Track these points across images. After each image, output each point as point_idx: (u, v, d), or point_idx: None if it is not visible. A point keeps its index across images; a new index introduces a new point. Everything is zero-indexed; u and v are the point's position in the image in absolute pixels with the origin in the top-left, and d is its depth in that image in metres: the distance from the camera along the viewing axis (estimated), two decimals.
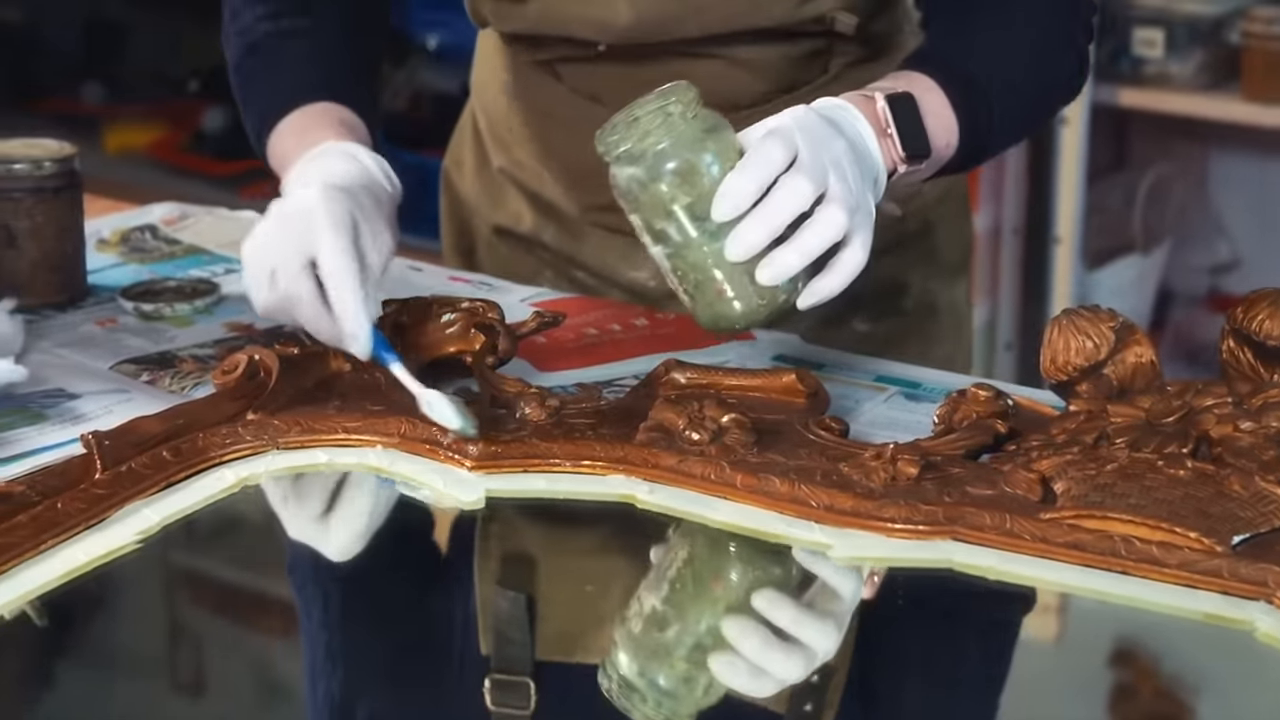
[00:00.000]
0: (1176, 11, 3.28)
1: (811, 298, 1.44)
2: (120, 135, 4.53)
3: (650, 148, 1.41)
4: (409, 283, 1.87)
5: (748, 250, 1.41)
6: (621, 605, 1.30)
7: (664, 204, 1.42)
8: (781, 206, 1.40)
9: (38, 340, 1.69)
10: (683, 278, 1.45)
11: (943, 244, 1.92)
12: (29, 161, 1.77)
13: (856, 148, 1.46)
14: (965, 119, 1.56)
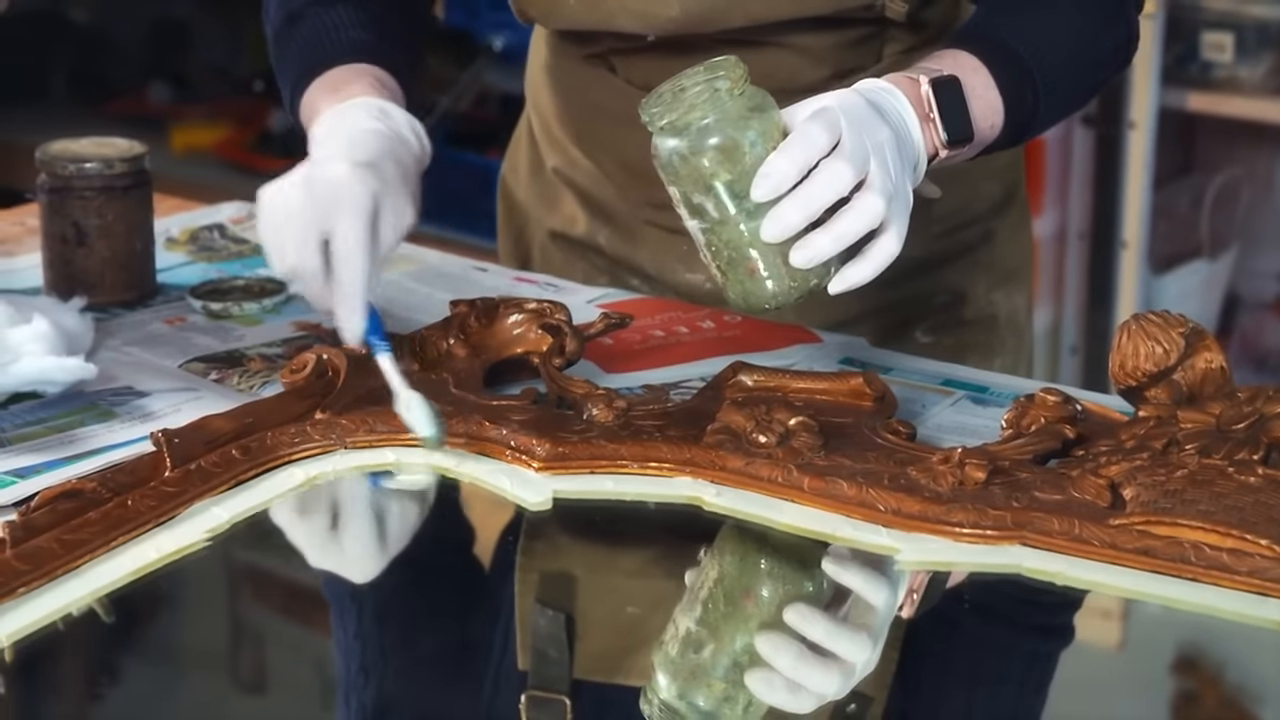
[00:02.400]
0: (1246, 15, 3.25)
1: (842, 284, 1.43)
2: (186, 135, 4.55)
3: (695, 121, 1.41)
4: (475, 283, 1.87)
5: (784, 231, 1.40)
6: (660, 628, 1.30)
7: (704, 179, 1.42)
8: (821, 190, 1.40)
9: (107, 338, 1.70)
10: (716, 254, 1.45)
11: (1004, 252, 1.91)
12: (100, 160, 1.78)
13: (899, 134, 1.45)
14: (1011, 99, 1.55)
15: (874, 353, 1.72)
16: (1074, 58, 1.62)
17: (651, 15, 1.71)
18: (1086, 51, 1.63)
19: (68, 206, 1.77)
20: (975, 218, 1.88)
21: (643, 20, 1.72)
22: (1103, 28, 1.64)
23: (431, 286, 1.86)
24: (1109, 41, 1.65)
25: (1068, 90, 1.63)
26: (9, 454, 1.46)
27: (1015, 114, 1.56)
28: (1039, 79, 1.57)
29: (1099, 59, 1.66)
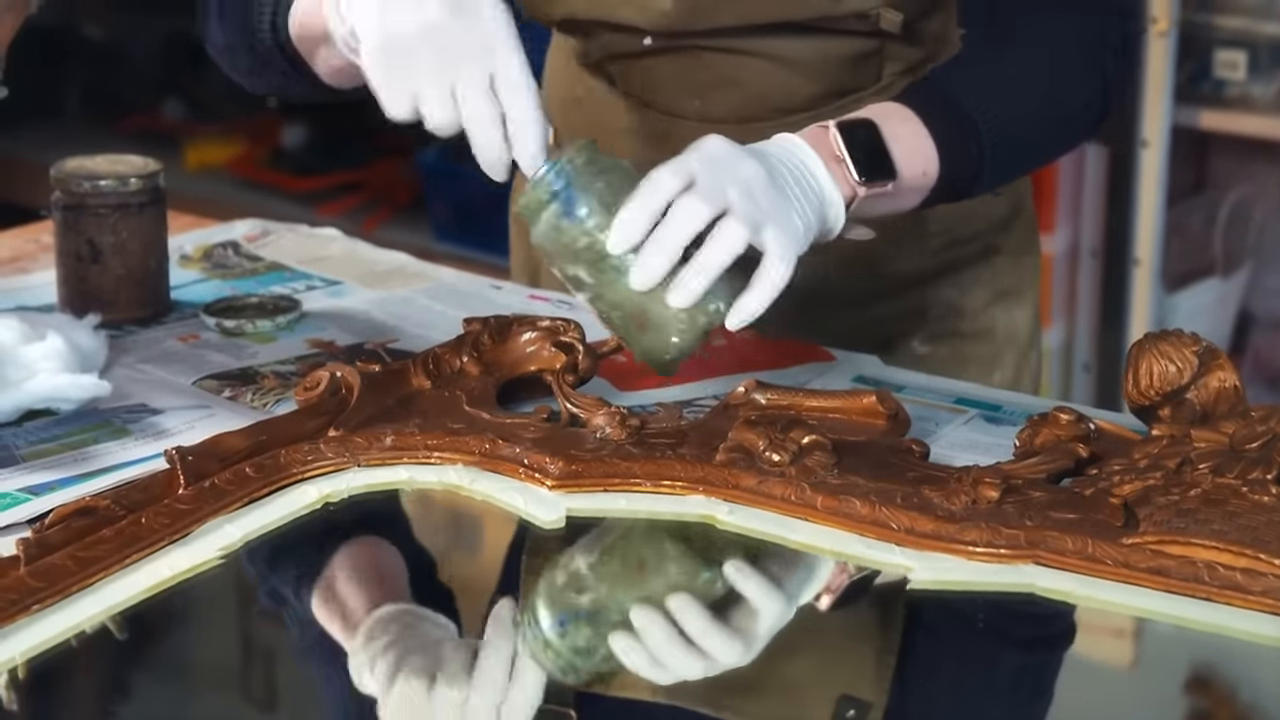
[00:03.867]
0: (1259, 34, 3.25)
1: (738, 316, 1.45)
2: (200, 152, 4.56)
3: (547, 196, 1.45)
4: (490, 301, 1.88)
5: (651, 276, 1.43)
6: None
7: (570, 248, 1.46)
8: (676, 229, 1.42)
9: (121, 355, 1.70)
10: (608, 319, 1.48)
11: (1005, 268, 1.91)
12: (114, 178, 1.78)
13: (783, 172, 1.46)
14: (948, 148, 1.55)
15: (887, 371, 1.72)
16: (1035, 110, 1.61)
17: (648, 8, 1.72)
18: (1051, 105, 1.62)
19: (82, 224, 1.77)
20: (975, 234, 1.87)
21: (639, 10, 1.73)
22: (1074, 80, 1.63)
23: (445, 304, 1.86)
24: (1079, 95, 1.64)
25: (1026, 143, 1.62)
26: (23, 471, 1.46)
27: (955, 165, 1.56)
28: (984, 131, 1.56)
29: (1066, 113, 1.64)
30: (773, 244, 1.43)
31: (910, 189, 1.55)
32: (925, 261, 1.85)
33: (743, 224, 1.42)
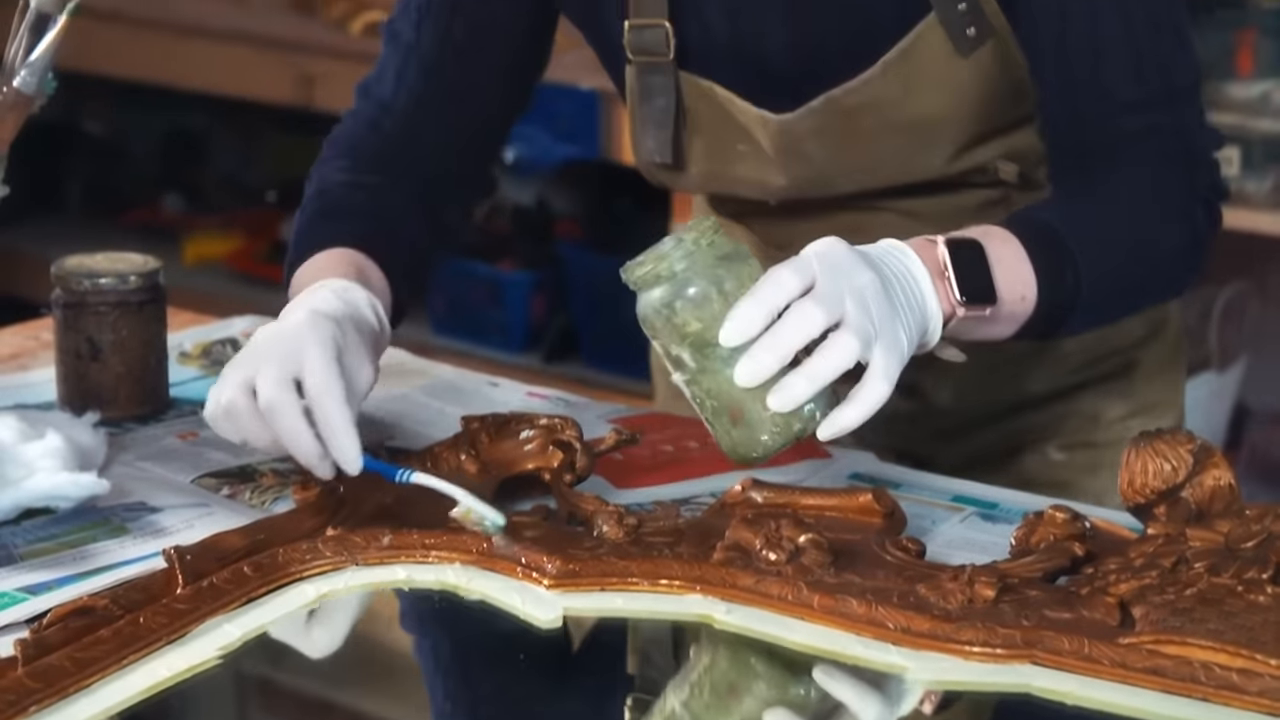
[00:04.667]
0: (1253, 130, 3.27)
1: (831, 428, 1.45)
2: (199, 245, 4.58)
3: (664, 273, 1.45)
4: (487, 398, 1.88)
5: (756, 375, 1.43)
6: None
7: (679, 329, 1.45)
8: (791, 332, 1.42)
9: (120, 453, 1.70)
10: (701, 405, 1.47)
11: (1145, 383, 1.90)
12: (114, 276, 1.79)
13: (894, 283, 1.47)
14: (1045, 274, 1.55)
15: (883, 468, 1.73)
16: (1127, 249, 1.61)
17: (763, 183, 1.75)
18: (1142, 242, 1.62)
19: (82, 321, 1.78)
20: (1114, 351, 1.88)
21: (756, 187, 1.76)
22: (1164, 223, 1.63)
23: (443, 401, 1.87)
24: (1170, 238, 1.63)
25: (1118, 279, 1.61)
26: (21, 570, 1.46)
27: (1052, 291, 1.55)
28: (1080, 260, 1.56)
29: (1157, 254, 1.63)
30: (879, 361, 1.43)
31: (1007, 315, 1.55)
32: (1063, 379, 1.87)
33: (855, 337, 1.42)
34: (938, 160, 1.73)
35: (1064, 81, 1.64)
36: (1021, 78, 1.69)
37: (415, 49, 1.79)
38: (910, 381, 1.71)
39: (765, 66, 1.70)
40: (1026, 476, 1.85)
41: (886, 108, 1.69)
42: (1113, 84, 1.63)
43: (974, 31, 1.66)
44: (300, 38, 4.09)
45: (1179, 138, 1.64)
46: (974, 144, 1.73)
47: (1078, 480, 1.85)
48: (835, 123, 1.70)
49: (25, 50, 1.63)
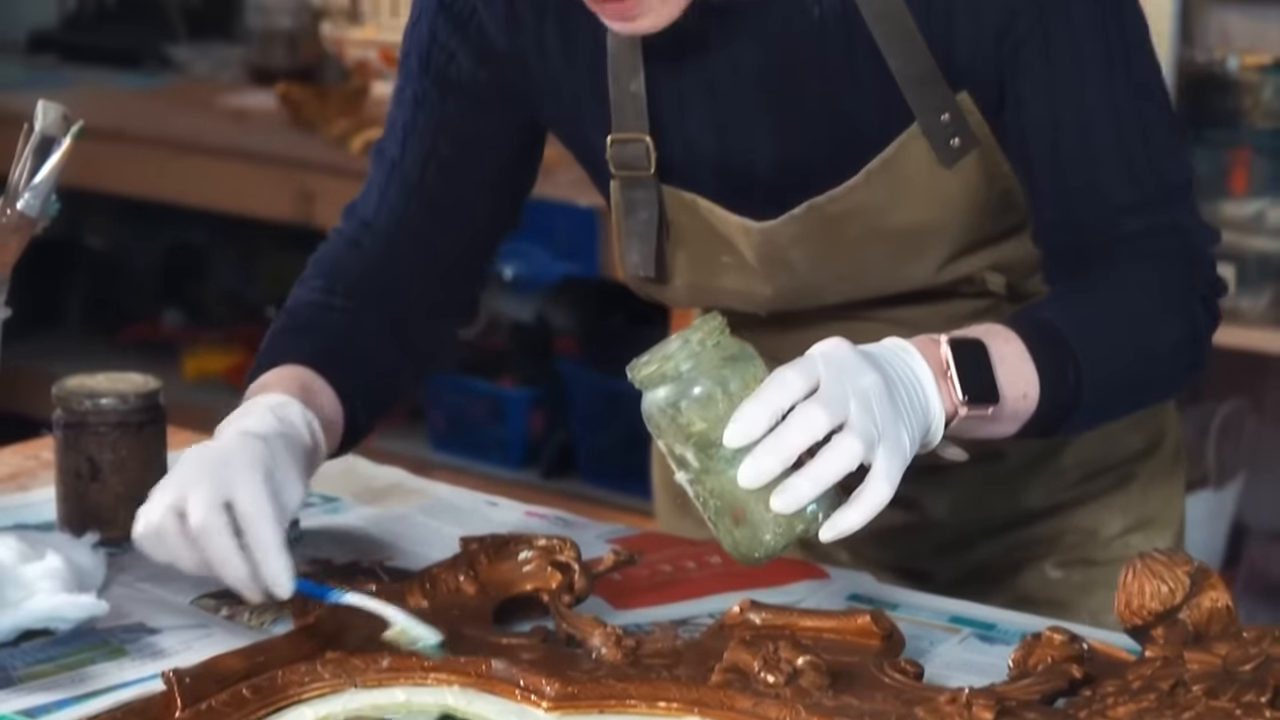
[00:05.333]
0: (1247, 248, 3.29)
1: (833, 530, 1.45)
2: (198, 361, 4.59)
3: (670, 373, 1.45)
4: (485, 518, 1.89)
5: (758, 477, 1.43)
6: None
7: (683, 429, 1.45)
8: (795, 434, 1.42)
9: (119, 573, 1.70)
10: (704, 504, 1.47)
11: (1144, 497, 1.90)
12: (115, 396, 1.80)
13: (898, 384, 1.47)
14: (1048, 373, 1.55)
15: (881, 589, 1.73)
16: (1126, 342, 1.61)
17: (749, 295, 1.76)
18: (1142, 338, 1.62)
19: (82, 442, 1.79)
20: (1112, 465, 1.88)
21: (742, 299, 1.77)
22: (1163, 319, 1.63)
23: (442, 521, 1.87)
24: (1169, 334, 1.63)
25: (1120, 376, 1.61)
26: (19, 693, 1.46)
27: (1054, 390, 1.56)
28: (1082, 358, 1.57)
29: (1157, 350, 1.64)
30: (881, 463, 1.43)
31: (1010, 414, 1.55)
32: (1061, 494, 1.87)
33: (859, 440, 1.42)
34: (924, 270, 1.74)
35: (1059, 190, 1.65)
36: (1008, 188, 1.70)
37: (399, 167, 1.79)
38: (908, 494, 1.71)
39: (750, 178, 1.72)
40: (1024, 594, 1.86)
41: (870, 216, 1.70)
42: (1108, 189, 1.64)
43: (958, 142, 1.67)
44: (300, 155, 4.11)
45: (1176, 235, 1.65)
46: (961, 254, 1.73)
47: (1075, 599, 1.86)
48: (818, 230, 1.71)
49: (29, 173, 1.65)
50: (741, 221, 1.73)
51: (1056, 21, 1.61)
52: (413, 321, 1.80)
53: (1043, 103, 1.63)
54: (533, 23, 1.73)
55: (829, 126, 1.68)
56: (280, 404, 1.63)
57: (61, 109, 1.66)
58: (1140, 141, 1.64)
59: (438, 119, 1.78)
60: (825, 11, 1.64)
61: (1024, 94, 1.63)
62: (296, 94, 4.30)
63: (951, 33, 1.63)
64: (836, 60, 1.65)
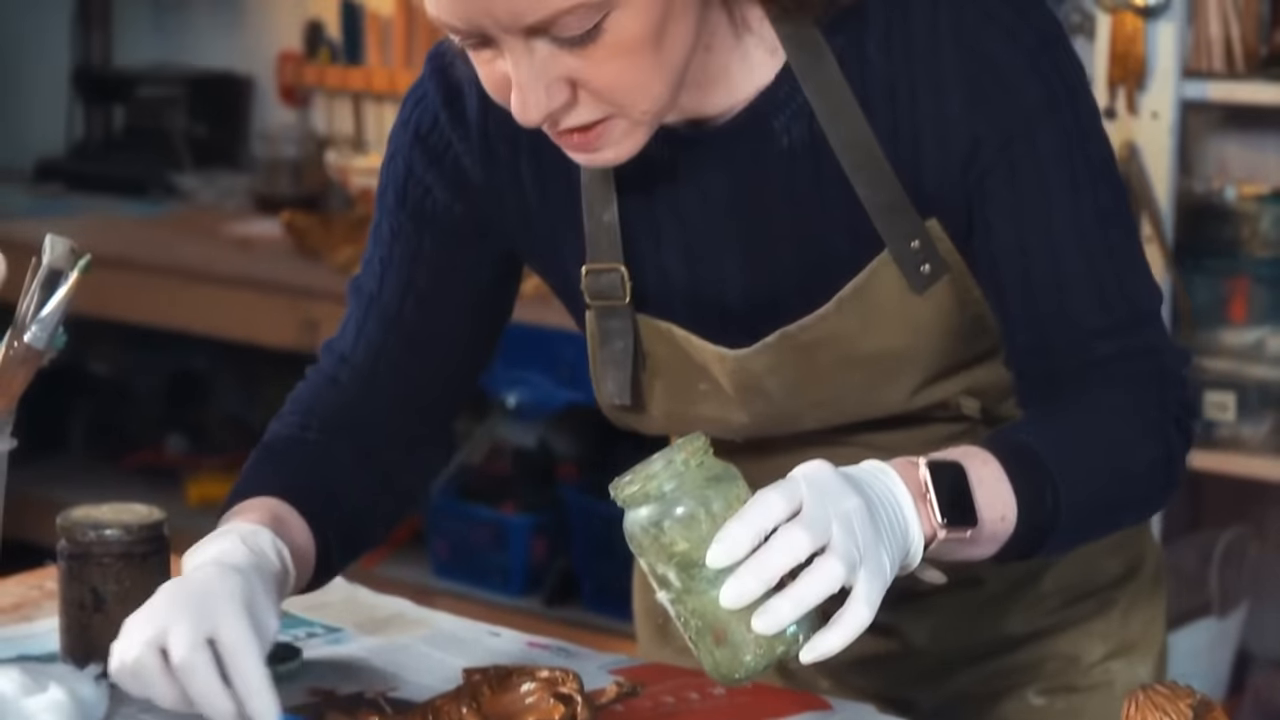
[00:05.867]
0: (1247, 376, 3.30)
1: (813, 652, 1.45)
2: (202, 487, 4.59)
3: (653, 492, 1.46)
4: (488, 648, 1.88)
5: (741, 597, 1.43)
6: None
7: (666, 549, 1.45)
8: (777, 556, 1.42)
9: (121, 706, 1.70)
10: (685, 624, 1.47)
11: (1124, 623, 1.90)
12: (119, 527, 1.80)
13: (879, 507, 1.47)
14: (1024, 495, 1.56)
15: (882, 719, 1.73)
16: (1102, 464, 1.62)
17: (725, 422, 1.77)
18: (1118, 460, 1.63)
19: (87, 572, 1.79)
20: (1092, 590, 1.89)
21: (719, 426, 1.77)
22: (1138, 440, 1.64)
23: (445, 651, 1.87)
24: (1144, 454, 1.64)
25: (1096, 497, 1.62)
26: None
27: (1032, 512, 1.56)
28: (1059, 481, 1.57)
29: (1133, 471, 1.64)
30: (862, 586, 1.43)
31: (988, 536, 1.55)
32: (1041, 620, 1.88)
33: (841, 563, 1.42)
34: (899, 396, 1.74)
35: (1030, 316, 1.66)
36: (979, 313, 1.71)
37: (377, 300, 1.80)
38: (887, 621, 1.72)
39: (723, 306, 1.73)
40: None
41: (843, 343, 1.71)
42: (1079, 314, 1.65)
43: (928, 269, 1.67)
44: (304, 283, 4.14)
45: (1148, 358, 1.66)
46: (935, 380, 1.74)
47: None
48: (792, 359, 1.72)
49: (37, 306, 1.66)
50: (716, 350, 1.73)
51: (1022, 150, 1.63)
52: (389, 455, 1.81)
53: (1011, 230, 1.64)
54: (508, 156, 1.74)
55: (799, 254, 1.69)
56: (251, 533, 1.64)
57: (69, 243, 1.68)
58: (1109, 266, 1.65)
59: (414, 252, 1.79)
60: (793, 140, 1.66)
61: (992, 221, 1.65)
62: (301, 222, 4.33)
63: (919, 161, 1.64)
64: (805, 189, 1.67)
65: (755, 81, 1.66)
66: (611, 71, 1.52)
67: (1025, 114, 1.62)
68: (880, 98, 1.64)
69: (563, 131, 1.56)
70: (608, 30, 1.50)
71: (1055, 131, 1.63)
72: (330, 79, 4.91)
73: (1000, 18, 1.62)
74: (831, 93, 1.64)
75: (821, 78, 1.64)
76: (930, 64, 1.62)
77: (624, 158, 1.59)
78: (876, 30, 1.63)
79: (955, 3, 1.62)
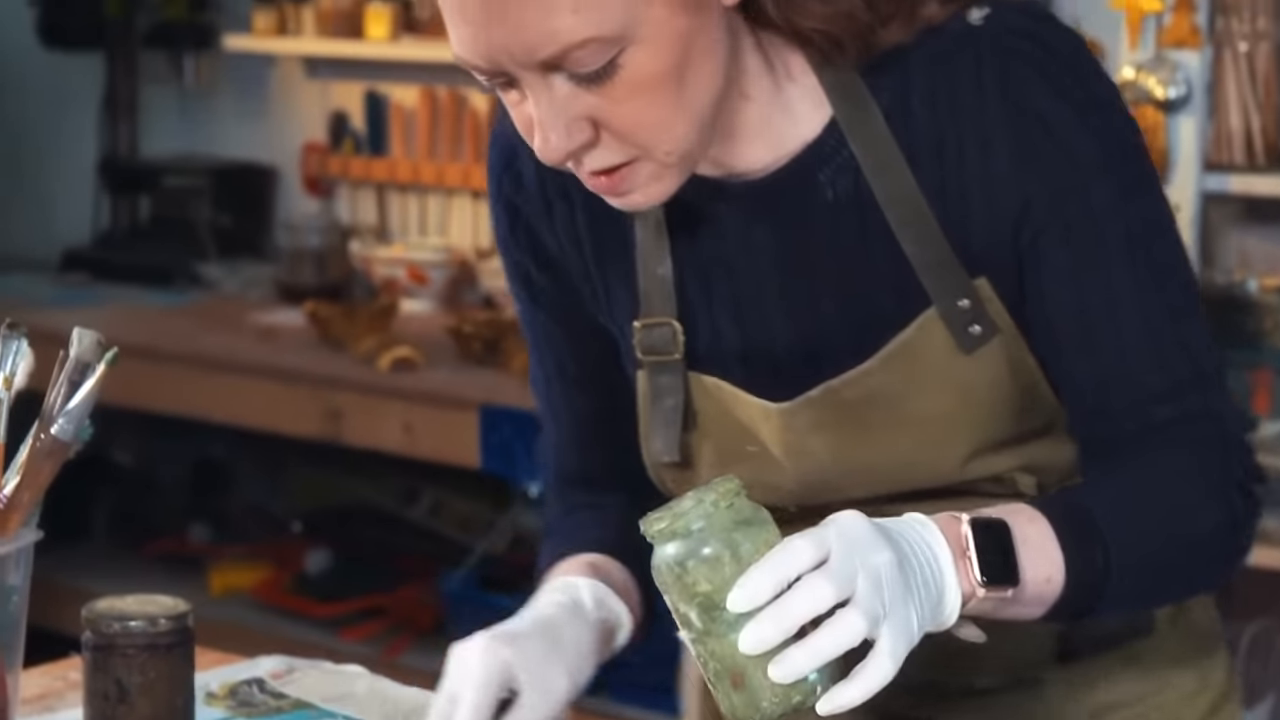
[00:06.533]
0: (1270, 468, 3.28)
1: (830, 704, 1.43)
2: (225, 576, 4.60)
3: (682, 530, 1.45)
4: None
5: (759, 644, 1.41)
6: None
7: (689, 588, 1.44)
8: (797, 605, 1.41)
9: None
10: (705, 665, 1.46)
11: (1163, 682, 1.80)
12: (144, 618, 1.80)
13: (912, 561, 1.45)
14: (1073, 555, 1.52)
15: None
16: (1159, 527, 1.58)
17: (774, 485, 1.73)
18: (1177, 524, 1.59)
19: (111, 664, 1.79)
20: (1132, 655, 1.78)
21: (770, 491, 1.72)
22: (1200, 503, 1.60)
23: None
24: (1206, 519, 1.60)
25: (1152, 562, 1.58)
26: None
27: (1080, 573, 1.52)
28: (1111, 541, 1.54)
29: (1195, 535, 1.60)
30: (885, 640, 1.42)
31: (1032, 597, 1.52)
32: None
33: (863, 617, 1.40)
34: (948, 464, 1.70)
35: (1088, 379, 1.63)
36: (1034, 383, 1.67)
37: (549, 390, 1.83)
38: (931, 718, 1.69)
39: (772, 361, 1.71)
40: None
41: (889, 402, 1.68)
42: (1139, 377, 1.61)
43: (977, 329, 1.64)
44: (328, 372, 4.15)
45: (1210, 421, 1.62)
46: (987, 450, 1.69)
47: None
48: (836, 416, 1.69)
49: (64, 398, 1.67)
50: (761, 405, 1.71)
51: (1075, 209, 1.60)
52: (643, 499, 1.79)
53: (1067, 291, 1.61)
54: (564, 211, 1.74)
55: (844, 309, 1.67)
56: (569, 584, 1.67)
57: (96, 335, 1.69)
58: (1169, 327, 1.62)
59: (547, 333, 1.82)
60: (839, 194, 1.64)
61: (1047, 282, 1.62)
62: (325, 312, 4.35)
63: (967, 219, 1.62)
64: (851, 243, 1.65)
65: (801, 134, 1.64)
66: (631, 110, 1.51)
67: (1077, 171, 1.60)
68: (927, 153, 1.61)
69: (589, 174, 1.56)
70: (624, 66, 1.50)
71: (1109, 189, 1.60)
72: (354, 169, 4.94)
73: (1049, 74, 1.60)
74: (878, 147, 1.62)
75: (868, 132, 1.62)
76: (976, 120, 1.60)
77: (654, 201, 1.59)
78: (921, 85, 1.61)
79: (1000, 59, 1.60)
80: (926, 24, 1.61)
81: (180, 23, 5.14)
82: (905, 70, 1.62)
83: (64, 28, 5.22)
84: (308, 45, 4.93)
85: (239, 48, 5.01)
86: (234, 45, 5.01)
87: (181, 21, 5.14)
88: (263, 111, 5.21)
